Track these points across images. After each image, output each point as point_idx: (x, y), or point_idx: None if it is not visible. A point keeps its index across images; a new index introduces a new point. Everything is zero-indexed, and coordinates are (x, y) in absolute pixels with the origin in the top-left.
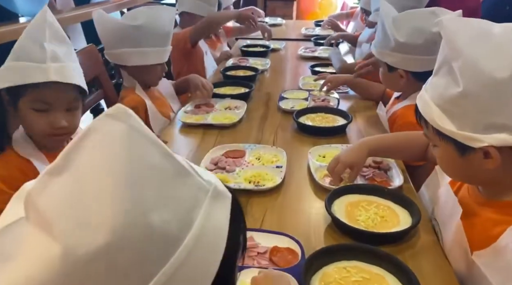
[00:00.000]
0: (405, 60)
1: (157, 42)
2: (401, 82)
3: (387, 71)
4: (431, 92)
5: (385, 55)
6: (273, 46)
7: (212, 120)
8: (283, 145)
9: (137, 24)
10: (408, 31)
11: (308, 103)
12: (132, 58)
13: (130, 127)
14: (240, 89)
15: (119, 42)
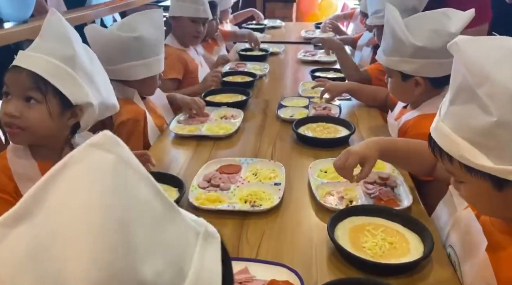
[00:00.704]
0: (425, 66)
1: (157, 50)
2: (417, 91)
3: (401, 80)
4: (452, 123)
5: (399, 63)
6: (272, 50)
7: (206, 132)
8: (282, 158)
9: (137, 35)
10: (426, 34)
11: (308, 111)
12: (137, 71)
13: (118, 159)
14: (237, 97)
15: (121, 56)
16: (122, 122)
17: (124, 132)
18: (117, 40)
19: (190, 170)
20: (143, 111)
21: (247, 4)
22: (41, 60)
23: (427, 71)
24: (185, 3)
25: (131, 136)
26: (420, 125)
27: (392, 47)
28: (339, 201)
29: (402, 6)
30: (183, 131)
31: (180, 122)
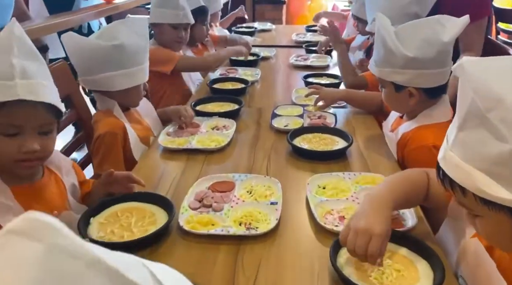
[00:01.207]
0: (417, 77)
1: (140, 59)
2: (411, 102)
3: (394, 91)
4: (462, 151)
5: (391, 74)
6: (263, 54)
7: (197, 145)
8: (278, 173)
9: (118, 43)
10: (417, 44)
11: (303, 121)
12: (118, 81)
13: (49, 249)
14: (229, 106)
15: (101, 66)
16: (99, 137)
17: (102, 147)
18: (97, 49)
19: (181, 187)
20: (121, 124)
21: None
22: (47, 88)
23: (420, 82)
24: (165, 9)
25: (110, 150)
26: (419, 138)
27: (383, 57)
28: (339, 221)
29: (402, 11)
30: (173, 144)
31: (169, 135)
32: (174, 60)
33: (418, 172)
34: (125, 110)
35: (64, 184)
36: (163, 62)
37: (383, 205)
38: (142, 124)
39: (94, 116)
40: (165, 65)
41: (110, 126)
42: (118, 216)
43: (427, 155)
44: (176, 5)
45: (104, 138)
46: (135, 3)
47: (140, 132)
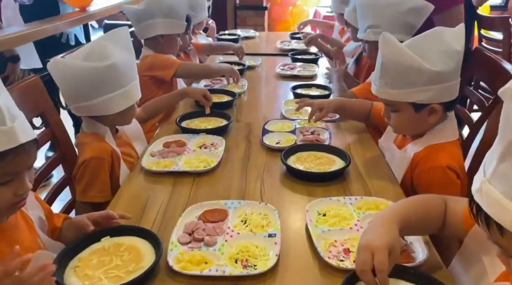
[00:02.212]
0: (441, 91)
1: (133, 74)
2: (431, 119)
3: (413, 112)
4: (504, 185)
5: (411, 94)
6: (249, 63)
7: (184, 166)
8: (273, 197)
9: (110, 63)
10: (438, 57)
11: (295, 137)
12: (116, 103)
13: None
14: (216, 121)
15: (95, 90)
16: (85, 162)
17: (87, 173)
18: (88, 72)
19: (168, 216)
20: (109, 148)
21: (218, 13)
22: (25, 121)
23: (443, 96)
24: (175, 19)
25: (96, 177)
26: (432, 158)
27: (400, 78)
28: (345, 255)
29: (397, 21)
30: (158, 166)
31: (153, 156)
32: (174, 65)
33: (434, 198)
34: (114, 133)
35: (31, 219)
36: (165, 67)
37: (387, 219)
38: (130, 145)
39: (79, 138)
40: (166, 71)
41: (97, 150)
42: (99, 256)
43: (441, 176)
44: (183, 15)
45: (90, 163)
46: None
47: (127, 156)
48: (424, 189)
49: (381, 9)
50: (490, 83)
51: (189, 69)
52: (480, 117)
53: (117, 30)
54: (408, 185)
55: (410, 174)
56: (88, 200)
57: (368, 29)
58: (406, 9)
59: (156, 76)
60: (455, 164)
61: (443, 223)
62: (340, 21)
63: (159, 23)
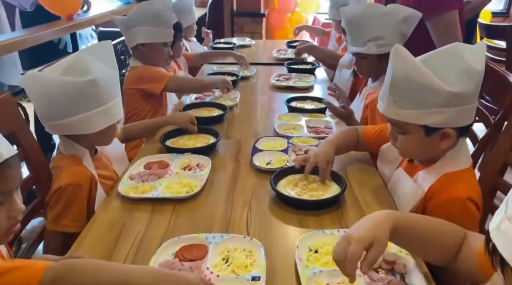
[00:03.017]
0: (457, 115)
1: (116, 91)
2: (443, 145)
3: (424, 135)
4: None
5: (424, 115)
6: (243, 74)
7: (165, 192)
8: (260, 228)
9: (91, 78)
10: (456, 76)
11: (287, 157)
12: (96, 122)
13: None
14: (203, 138)
15: (73, 107)
16: (60, 188)
17: (62, 200)
18: (66, 88)
19: (143, 251)
20: (89, 174)
21: (215, 21)
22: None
23: (459, 120)
24: (159, 28)
25: (71, 205)
26: (450, 189)
27: (412, 97)
28: None
29: (397, 31)
30: (136, 192)
31: (132, 179)
32: (165, 78)
33: (453, 226)
34: (93, 154)
35: None
36: (154, 80)
37: (380, 215)
38: (109, 169)
39: (55, 160)
40: (156, 84)
41: (75, 176)
42: None
43: (461, 208)
44: (169, 23)
45: (66, 190)
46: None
47: (106, 180)
48: None
49: (378, 19)
50: (495, 97)
51: (180, 83)
52: (487, 134)
53: (101, 43)
54: None
55: (422, 207)
56: (59, 229)
57: (368, 42)
58: (401, 18)
59: (144, 90)
60: (474, 195)
61: (456, 254)
62: (337, 29)
63: (141, 32)
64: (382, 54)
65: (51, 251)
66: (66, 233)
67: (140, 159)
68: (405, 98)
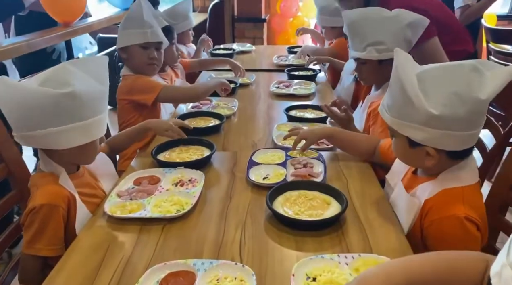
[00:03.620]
0: (440, 137)
1: (98, 108)
2: (428, 162)
3: (408, 145)
4: None
5: (406, 128)
6: (242, 81)
7: (153, 211)
8: (254, 252)
9: (69, 91)
10: (445, 98)
11: (285, 171)
12: (69, 138)
13: None
14: (198, 150)
15: (46, 119)
16: (34, 209)
17: (36, 221)
18: (41, 98)
19: (126, 278)
20: (66, 193)
21: (216, 26)
22: None
23: (442, 143)
24: (131, 30)
25: (45, 227)
26: (447, 206)
27: (399, 107)
28: None
29: (400, 37)
30: (123, 211)
31: (121, 196)
32: (156, 89)
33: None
34: (73, 171)
35: None
36: (145, 91)
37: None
38: (95, 187)
39: (33, 178)
40: (147, 95)
41: (50, 196)
42: None
43: (457, 228)
44: (142, 23)
45: (40, 211)
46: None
47: (89, 197)
48: (436, 243)
49: (379, 23)
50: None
51: (173, 93)
52: (497, 145)
53: (96, 58)
54: (417, 237)
55: (419, 224)
56: (34, 253)
57: (368, 47)
58: (405, 24)
59: (135, 101)
60: (474, 214)
61: None
62: (328, 35)
63: (118, 36)
64: (383, 60)
65: (28, 276)
66: (45, 256)
67: (130, 174)
68: (393, 106)
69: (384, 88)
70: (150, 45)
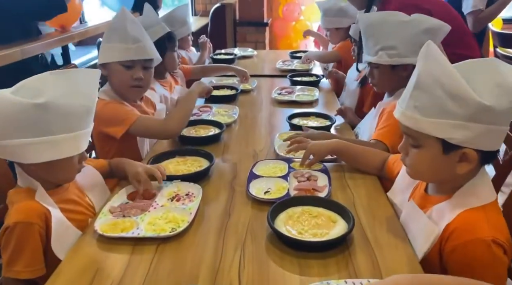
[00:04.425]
0: (483, 134)
1: (78, 124)
2: (460, 169)
3: (441, 152)
4: None
5: (446, 127)
6: (243, 87)
7: (147, 230)
8: (254, 276)
9: (42, 102)
10: (491, 89)
11: (288, 185)
12: (37, 152)
13: None
14: (196, 162)
15: (14, 129)
16: (9, 228)
17: (12, 241)
18: (9, 107)
19: None
20: (43, 210)
21: (217, 30)
22: None
23: (484, 142)
24: (112, 43)
25: (22, 247)
26: (472, 229)
27: (436, 104)
28: None
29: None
30: (115, 230)
31: (113, 212)
32: (127, 121)
33: None
34: (56, 187)
35: None
36: (113, 122)
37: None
38: (81, 205)
39: (10, 194)
40: (115, 127)
41: (24, 213)
42: None
43: (485, 253)
44: (124, 36)
45: (15, 230)
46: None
47: (75, 214)
48: (461, 268)
49: (394, 28)
50: None
51: (147, 125)
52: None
53: (84, 70)
54: (434, 263)
55: (438, 248)
56: (13, 276)
57: (380, 51)
58: (422, 30)
59: (103, 132)
60: (501, 236)
61: None
62: (333, 37)
63: (100, 50)
64: (395, 65)
65: None
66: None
67: (124, 188)
68: (428, 104)
69: (397, 95)
70: (135, 63)
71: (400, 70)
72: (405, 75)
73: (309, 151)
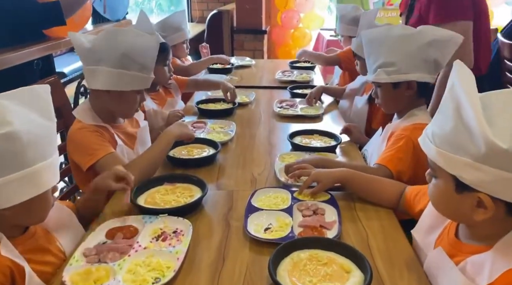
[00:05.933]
0: (499, 182)
1: (49, 150)
2: (477, 216)
3: (453, 190)
4: None
5: (456, 163)
6: (241, 100)
7: (124, 281)
8: None
9: (7, 131)
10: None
11: (291, 220)
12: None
13: None
14: (186, 190)
15: None
16: None
17: None
18: None
19: None
20: (7, 264)
21: (214, 37)
22: None
23: (503, 190)
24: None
25: None
26: None
27: (452, 136)
28: None
29: (418, 58)
30: (87, 281)
31: (87, 256)
32: (97, 154)
33: None
34: (21, 233)
35: None
36: (82, 153)
37: None
38: (50, 253)
39: None
40: (82, 158)
41: None
42: None
43: None
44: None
45: None
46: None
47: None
48: None
49: (393, 43)
50: None
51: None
52: None
53: (31, 87)
54: None
55: None
56: None
57: (378, 68)
58: (425, 43)
59: (71, 159)
60: None
61: None
62: (346, 44)
63: (104, 73)
64: (397, 84)
65: None
66: None
67: (103, 224)
68: (443, 133)
69: (408, 117)
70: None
71: (403, 88)
72: (410, 95)
73: (312, 177)
